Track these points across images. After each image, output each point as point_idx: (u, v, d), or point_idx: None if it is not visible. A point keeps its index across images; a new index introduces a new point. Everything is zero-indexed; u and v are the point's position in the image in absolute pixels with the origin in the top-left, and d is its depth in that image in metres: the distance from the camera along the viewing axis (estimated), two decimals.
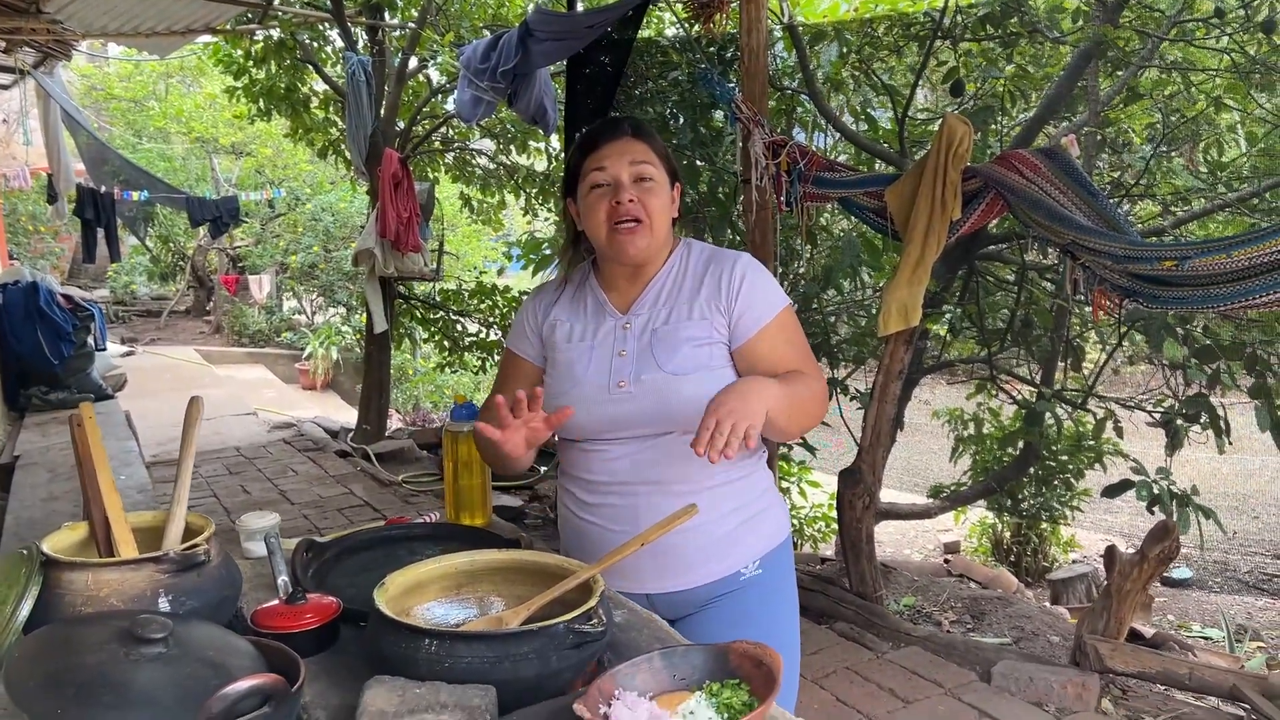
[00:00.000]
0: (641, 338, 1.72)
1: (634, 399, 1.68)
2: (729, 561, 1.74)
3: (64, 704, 1.04)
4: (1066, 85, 4.56)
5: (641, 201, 1.69)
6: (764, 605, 1.76)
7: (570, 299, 1.84)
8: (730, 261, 1.75)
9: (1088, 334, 5.45)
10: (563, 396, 1.73)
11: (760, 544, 1.78)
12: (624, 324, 1.75)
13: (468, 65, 4.77)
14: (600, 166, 1.71)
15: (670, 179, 1.76)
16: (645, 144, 1.73)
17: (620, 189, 1.69)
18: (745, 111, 3.60)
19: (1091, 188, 2.91)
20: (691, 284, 1.75)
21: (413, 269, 6.74)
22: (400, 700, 1.15)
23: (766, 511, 1.80)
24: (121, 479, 4.58)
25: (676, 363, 1.68)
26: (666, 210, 1.74)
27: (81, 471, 1.48)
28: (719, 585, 1.75)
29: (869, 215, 3.55)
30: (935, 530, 7.41)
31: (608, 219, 1.69)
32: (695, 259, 1.78)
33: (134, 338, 12.99)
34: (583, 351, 1.76)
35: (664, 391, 1.66)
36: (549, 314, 1.84)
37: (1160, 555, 3.23)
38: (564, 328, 1.81)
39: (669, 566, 1.72)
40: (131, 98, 15.38)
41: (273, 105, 7.47)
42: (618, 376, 1.70)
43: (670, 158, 1.78)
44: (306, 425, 7.91)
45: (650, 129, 1.77)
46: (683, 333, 1.70)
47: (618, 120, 1.77)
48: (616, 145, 1.71)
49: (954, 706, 3.18)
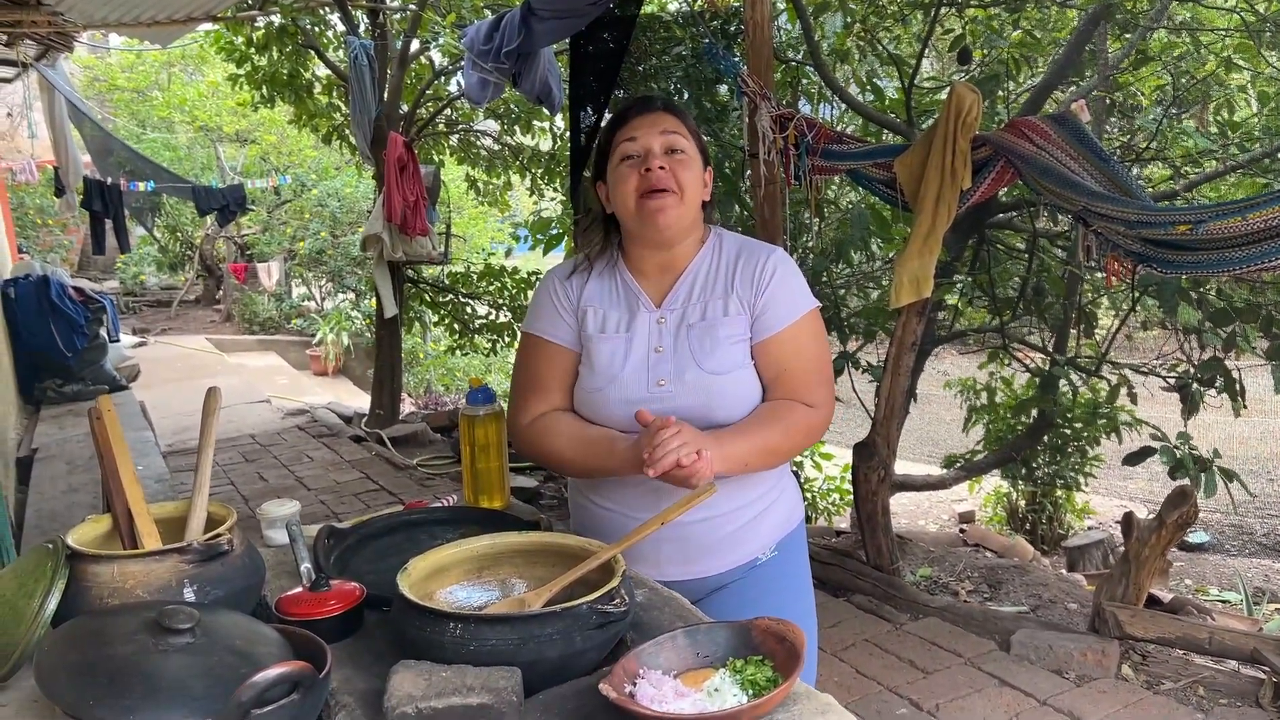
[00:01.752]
0: (678, 334, 1.69)
1: (675, 398, 1.65)
2: (747, 549, 1.74)
3: (96, 695, 1.05)
4: (1074, 49, 4.52)
5: (673, 171, 1.65)
6: (779, 586, 1.76)
7: (598, 282, 1.77)
8: (763, 255, 1.71)
9: (1100, 300, 5.43)
10: (598, 393, 1.70)
11: (776, 530, 1.78)
12: (659, 318, 1.71)
13: (471, 47, 4.75)
14: (631, 138, 1.67)
15: (702, 158, 1.73)
16: (677, 118, 1.70)
17: (651, 157, 1.65)
18: (751, 85, 3.58)
19: (1103, 153, 2.88)
20: (725, 277, 1.71)
21: (421, 253, 6.74)
22: (427, 684, 1.15)
23: (782, 497, 1.80)
24: (139, 469, 4.61)
25: (716, 361, 1.65)
26: (698, 186, 1.70)
27: (103, 464, 1.48)
28: (735, 571, 1.75)
29: (878, 187, 3.53)
30: (950, 500, 7.42)
31: (637, 189, 1.65)
32: (727, 250, 1.74)
33: (145, 328, 13.04)
34: (619, 345, 1.71)
35: (707, 391, 1.65)
36: (581, 295, 1.77)
37: (1179, 520, 3.22)
38: (595, 314, 1.74)
39: (688, 554, 1.71)
40: (134, 88, 15.37)
41: (276, 92, 7.46)
42: (657, 374, 1.67)
43: (701, 138, 1.74)
44: (320, 411, 7.94)
45: (683, 108, 1.75)
46: (720, 331, 1.67)
47: (650, 96, 1.76)
48: (648, 117, 1.68)
49: (974, 676, 3.19)
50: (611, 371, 1.69)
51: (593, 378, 1.71)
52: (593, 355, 1.72)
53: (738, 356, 1.67)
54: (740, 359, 1.67)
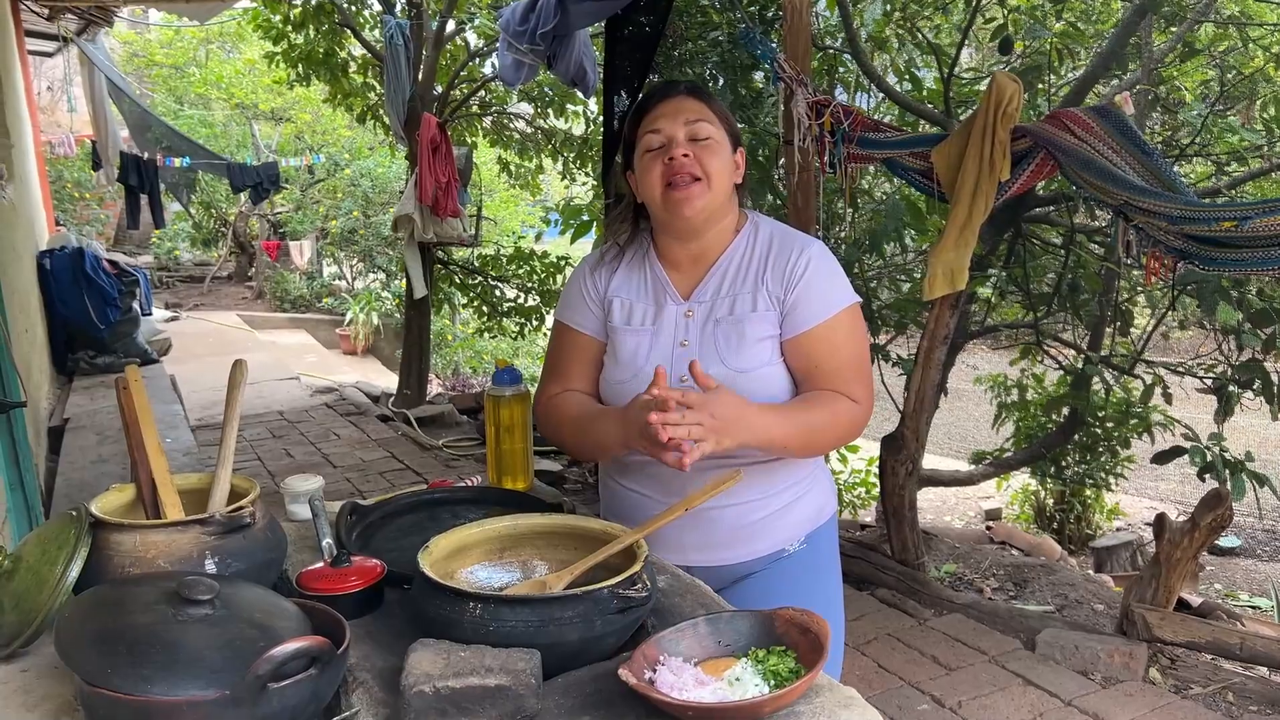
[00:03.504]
0: (705, 329, 1.65)
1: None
2: (774, 538, 1.71)
3: (115, 663, 1.04)
4: (1119, 42, 4.43)
5: (698, 158, 1.60)
6: (806, 579, 1.73)
7: (627, 272, 1.75)
8: (796, 248, 1.64)
9: (1136, 299, 5.34)
10: (621, 385, 1.68)
11: (806, 521, 1.74)
12: (686, 311, 1.67)
13: (506, 28, 4.73)
14: (655, 129, 1.63)
15: (732, 141, 1.67)
16: (702, 103, 1.65)
17: (675, 146, 1.60)
18: (788, 71, 3.53)
19: (1146, 147, 2.82)
20: (756, 270, 1.65)
21: (451, 234, 6.74)
22: (445, 663, 1.14)
23: (814, 488, 1.76)
24: (167, 442, 4.66)
25: (741, 359, 1.61)
26: (727, 172, 1.64)
27: (128, 434, 1.48)
28: (761, 561, 1.71)
29: (914, 177, 3.48)
30: (976, 497, 7.35)
31: (662, 179, 1.61)
32: (761, 240, 1.68)
33: (178, 303, 13.15)
34: (644, 338, 1.69)
35: (731, 388, 1.57)
36: (608, 285, 1.75)
37: (1212, 524, 3.17)
38: (622, 305, 1.72)
39: (713, 540, 1.69)
40: (172, 64, 15.48)
41: (311, 70, 7.48)
42: (680, 370, 1.62)
43: (731, 120, 1.69)
44: (348, 390, 7.99)
45: (708, 90, 1.69)
46: (747, 327, 1.62)
47: (673, 81, 1.72)
48: (670, 104, 1.63)
49: (997, 674, 3.15)
50: (635, 365, 1.68)
51: (617, 370, 1.70)
52: (617, 347, 1.71)
53: (764, 354, 1.62)
54: (767, 356, 1.62)
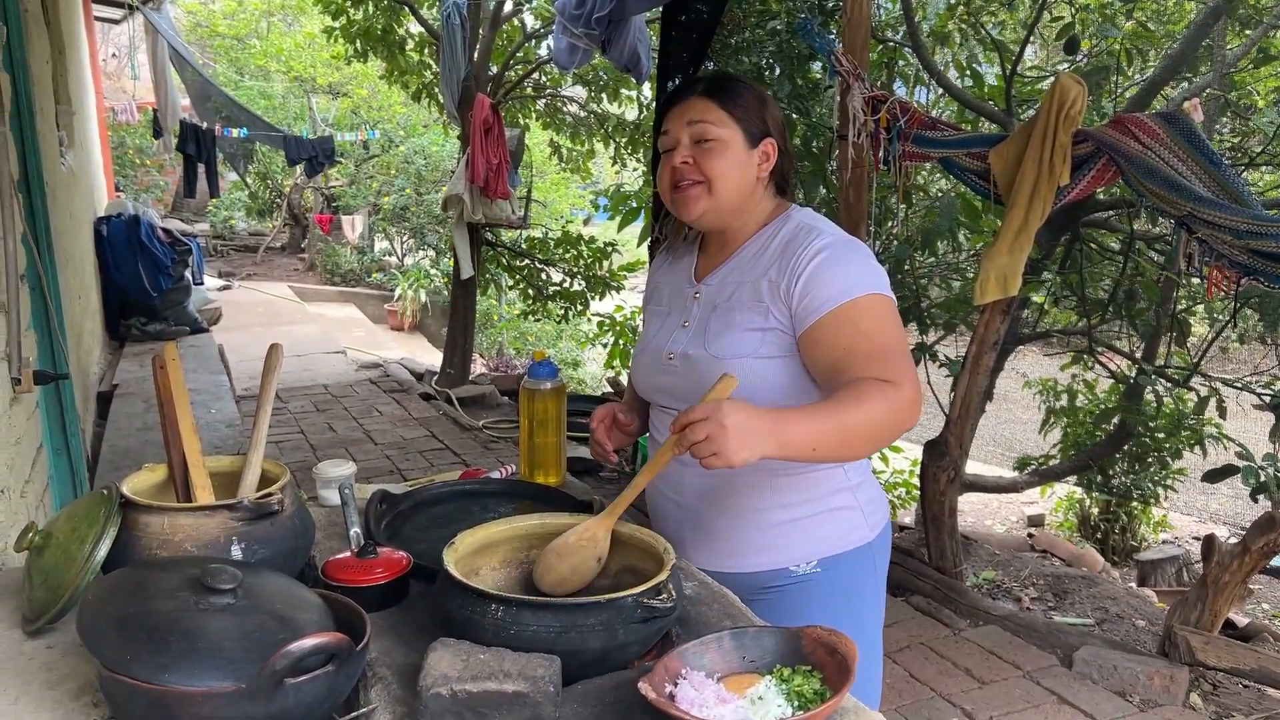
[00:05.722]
0: (705, 312, 1.65)
1: (676, 373, 1.64)
2: (777, 555, 1.63)
3: (134, 649, 1.04)
4: (1190, 44, 4.29)
5: (698, 162, 1.58)
6: (823, 606, 1.62)
7: (674, 257, 1.82)
8: (810, 241, 1.56)
9: (1195, 309, 5.20)
10: (634, 358, 1.78)
11: (821, 545, 1.63)
12: (695, 293, 1.69)
13: (562, 11, 4.70)
14: (665, 130, 1.63)
15: (756, 135, 1.60)
16: (712, 101, 1.59)
17: (678, 150, 1.60)
18: (845, 65, 3.47)
19: (1214, 157, 2.72)
20: (767, 261, 1.60)
21: (500, 216, 6.75)
22: (464, 665, 1.13)
23: (837, 514, 1.64)
24: (212, 413, 4.73)
25: (722, 345, 1.58)
26: (736, 171, 1.59)
27: (163, 413, 1.49)
28: (767, 577, 1.64)
29: (970, 177, 3.41)
30: (1020, 502, 7.23)
31: (670, 181, 1.62)
32: (783, 235, 1.62)
33: (231, 272, 13.35)
34: (660, 315, 1.76)
35: (703, 372, 1.58)
36: (656, 275, 1.85)
37: (1264, 548, 3.06)
38: (658, 287, 1.81)
39: (713, 545, 1.65)
40: (234, 35, 15.67)
41: (369, 46, 7.52)
42: (671, 347, 1.67)
43: (757, 112, 1.61)
44: (393, 366, 8.05)
45: (730, 84, 1.62)
46: (737, 315, 1.58)
47: (692, 80, 1.65)
48: (678, 108, 1.62)
49: (1032, 690, 3.09)
50: (645, 340, 1.76)
51: (638, 345, 1.80)
52: (644, 327, 1.82)
53: (749, 345, 1.56)
54: (751, 348, 1.56)
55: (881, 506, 1.73)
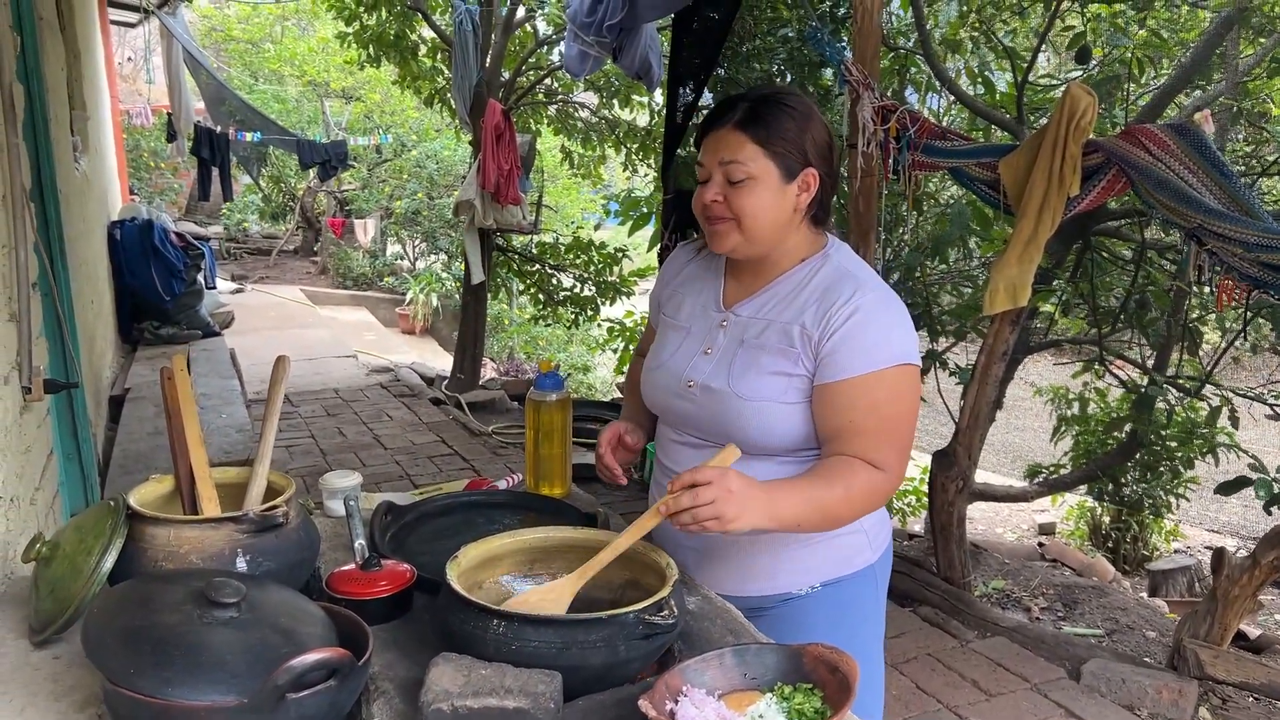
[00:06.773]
0: (731, 344, 1.59)
1: (696, 403, 1.60)
2: (781, 581, 1.63)
3: (138, 662, 1.05)
4: (1203, 53, 4.28)
5: (729, 201, 1.53)
6: (823, 623, 1.62)
7: (698, 268, 1.73)
8: (847, 292, 1.52)
9: (1207, 318, 5.17)
10: (648, 373, 1.70)
11: (825, 569, 1.64)
12: (722, 321, 1.63)
13: (574, 19, 4.71)
14: (700, 160, 1.57)
15: (791, 169, 1.53)
16: (745, 135, 1.52)
17: (709, 186, 1.55)
18: (855, 74, 3.46)
19: (1225, 169, 2.71)
20: (803, 303, 1.55)
21: (511, 221, 6.76)
22: (465, 681, 1.13)
23: (841, 539, 1.63)
24: (223, 417, 4.75)
25: (748, 386, 1.54)
26: (769, 209, 1.53)
27: (170, 425, 1.50)
28: (770, 600, 1.64)
29: (980, 187, 3.40)
30: (1030, 510, 7.20)
31: (703, 211, 1.58)
32: (822, 276, 1.57)
33: (244, 275, 13.41)
34: (679, 334, 1.68)
35: (725, 410, 1.55)
36: (676, 279, 1.76)
37: (1275, 562, 3.04)
38: (678, 298, 1.72)
39: (717, 571, 1.64)
40: (249, 39, 15.75)
41: (382, 52, 7.56)
42: (691, 374, 1.61)
43: (795, 140, 1.52)
44: (403, 371, 8.07)
45: (769, 113, 1.53)
46: (764, 356, 1.55)
47: (731, 103, 1.56)
48: (713, 137, 1.55)
49: (1039, 704, 3.08)
50: (662, 357, 1.68)
51: (652, 357, 1.72)
52: (659, 336, 1.74)
53: (775, 390, 1.53)
54: (776, 393, 1.53)
55: (885, 527, 1.73)
